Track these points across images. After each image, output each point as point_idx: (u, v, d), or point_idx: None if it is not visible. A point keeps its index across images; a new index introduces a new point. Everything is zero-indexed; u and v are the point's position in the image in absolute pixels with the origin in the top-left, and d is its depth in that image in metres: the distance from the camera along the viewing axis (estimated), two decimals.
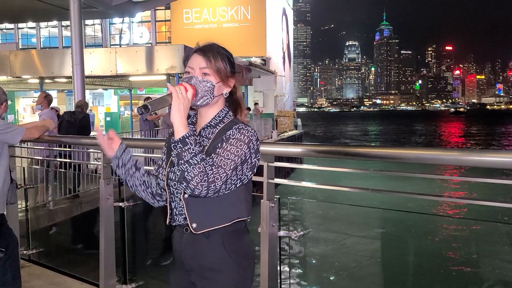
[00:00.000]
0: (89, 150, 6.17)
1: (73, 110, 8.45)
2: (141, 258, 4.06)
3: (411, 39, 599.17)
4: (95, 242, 3.42)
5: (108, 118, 23.30)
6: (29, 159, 5.91)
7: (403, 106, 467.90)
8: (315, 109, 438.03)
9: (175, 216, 1.69)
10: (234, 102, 1.76)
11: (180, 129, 1.52)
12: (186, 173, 1.50)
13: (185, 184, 1.51)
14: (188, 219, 1.63)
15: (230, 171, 1.55)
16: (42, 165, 6.05)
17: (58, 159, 6.43)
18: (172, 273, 1.79)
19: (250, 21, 30.62)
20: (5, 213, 3.18)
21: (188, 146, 1.51)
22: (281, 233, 2.41)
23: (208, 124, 1.68)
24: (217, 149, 1.57)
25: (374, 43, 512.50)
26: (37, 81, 16.88)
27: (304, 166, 3.09)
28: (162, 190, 1.78)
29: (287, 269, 2.73)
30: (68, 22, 11.18)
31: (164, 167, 1.76)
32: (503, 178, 2.08)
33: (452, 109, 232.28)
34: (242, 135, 1.59)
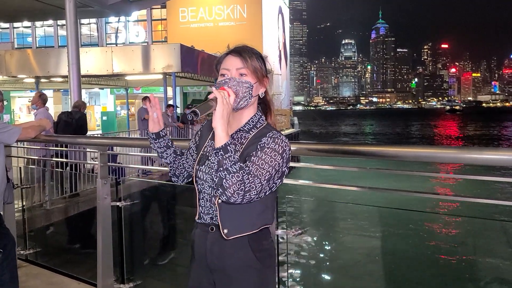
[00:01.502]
0: (86, 150, 6.17)
1: (70, 110, 8.42)
2: (139, 258, 4.05)
3: (407, 37, 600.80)
4: (93, 241, 3.41)
5: (104, 117, 23.26)
6: (26, 159, 5.89)
7: (399, 104, 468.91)
8: (312, 108, 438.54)
9: (200, 214, 1.70)
10: (265, 104, 1.75)
11: (223, 136, 1.50)
12: (224, 180, 1.49)
13: (221, 191, 1.50)
14: (220, 224, 1.62)
15: (266, 181, 1.54)
16: (39, 164, 6.03)
17: (54, 159, 6.41)
18: (192, 271, 1.77)
19: (246, 20, 30.59)
20: (1, 213, 3.17)
21: (229, 154, 1.49)
22: (279, 231, 2.41)
23: (242, 129, 1.66)
24: (252, 157, 1.56)
25: (370, 41, 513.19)
26: (33, 80, 16.80)
27: (301, 164, 3.10)
28: (181, 174, 1.84)
29: (285, 267, 2.73)
30: (63, 21, 11.11)
31: (193, 161, 1.79)
32: (500, 176, 2.08)
33: (448, 107, 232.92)
34: (277, 145, 1.57)
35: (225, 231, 1.62)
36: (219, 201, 1.60)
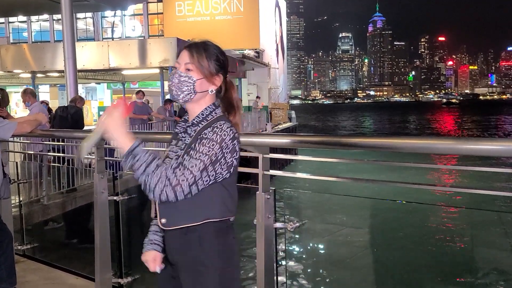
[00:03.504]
0: None
1: (66, 105, 8.38)
2: (137, 252, 4.05)
3: (404, 30, 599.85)
4: (90, 236, 3.41)
5: (101, 113, 23.18)
6: (23, 154, 5.87)
7: (396, 98, 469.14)
8: (309, 101, 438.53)
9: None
10: (226, 102, 1.74)
11: (124, 143, 1.54)
12: (145, 184, 1.53)
13: (149, 193, 1.55)
14: (158, 214, 1.66)
15: (199, 172, 1.54)
16: (36, 159, 6.01)
17: (51, 154, 6.39)
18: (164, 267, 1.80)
19: (243, 14, 30.46)
20: None
21: (138, 157, 1.53)
22: (277, 224, 2.40)
23: (192, 122, 1.68)
24: (190, 151, 1.58)
25: (367, 34, 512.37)
26: (29, 75, 16.72)
27: (299, 157, 3.09)
28: None
29: (283, 260, 2.73)
30: (59, 16, 11.03)
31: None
32: (497, 167, 2.08)
33: (444, 100, 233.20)
34: (215, 135, 1.57)
35: (163, 221, 1.64)
36: None
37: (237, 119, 1.73)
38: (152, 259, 1.73)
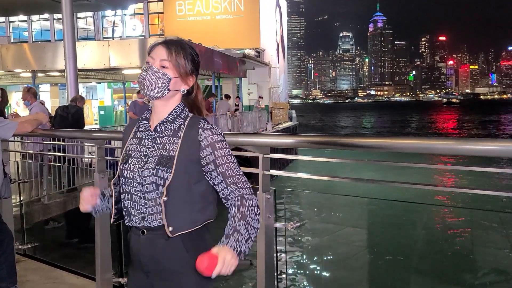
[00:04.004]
0: (83, 144, 6.15)
1: (67, 104, 8.38)
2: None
3: (405, 29, 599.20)
4: (91, 236, 3.41)
5: (102, 112, 23.21)
6: (23, 154, 5.87)
7: (397, 97, 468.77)
8: (310, 101, 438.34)
9: (132, 216, 1.62)
10: (190, 104, 1.72)
11: (235, 259, 1.45)
12: (254, 232, 1.53)
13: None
14: (165, 223, 1.55)
15: (237, 170, 1.59)
16: (36, 159, 6.01)
17: (52, 153, 6.39)
18: (130, 275, 1.72)
19: (243, 13, 30.43)
20: None
21: (238, 246, 1.48)
22: (277, 224, 2.40)
23: (165, 120, 1.63)
24: (215, 159, 1.56)
25: (368, 34, 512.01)
26: (29, 75, 16.72)
27: (300, 157, 3.10)
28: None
29: (283, 260, 2.74)
30: (60, 15, 11.02)
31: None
32: (497, 167, 2.08)
33: (445, 100, 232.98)
34: (219, 136, 1.59)
35: (170, 228, 1.55)
36: (165, 198, 1.54)
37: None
38: (89, 194, 1.70)
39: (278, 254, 2.52)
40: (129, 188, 1.61)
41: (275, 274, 2.46)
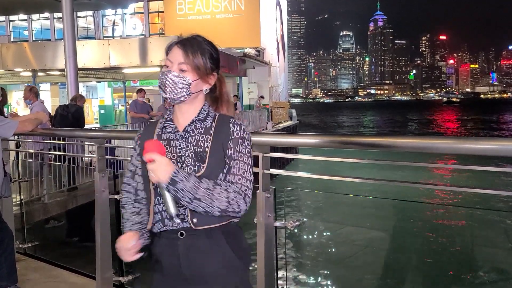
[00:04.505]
0: (83, 143, 6.16)
1: (67, 103, 8.39)
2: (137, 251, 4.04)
3: (405, 28, 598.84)
4: (91, 235, 3.41)
5: (102, 111, 23.20)
6: (23, 153, 5.88)
7: (397, 96, 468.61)
8: (310, 100, 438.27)
9: (165, 220, 1.57)
10: (214, 100, 1.70)
11: (165, 171, 1.43)
12: (208, 209, 1.46)
13: (222, 216, 1.50)
14: (189, 214, 1.53)
15: (250, 175, 1.56)
16: (36, 158, 6.02)
17: (52, 152, 6.40)
18: (158, 281, 1.63)
19: (244, 12, 30.41)
20: None
21: (184, 183, 1.44)
22: (277, 223, 2.40)
23: (196, 119, 1.62)
24: (232, 153, 1.55)
25: (368, 33, 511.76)
26: (29, 74, 16.72)
27: (300, 156, 3.10)
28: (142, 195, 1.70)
29: (283, 259, 2.74)
30: (60, 14, 11.02)
31: (141, 168, 1.66)
32: (496, 166, 2.09)
33: (445, 99, 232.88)
34: (245, 133, 1.59)
35: (195, 220, 1.52)
36: None
37: (232, 114, 1.71)
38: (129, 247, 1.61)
39: (278, 253, 2.52)
40: (162, 191, 1.53)
41: (275, 273, 2.46)
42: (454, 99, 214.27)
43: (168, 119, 1.67)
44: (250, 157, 1.58)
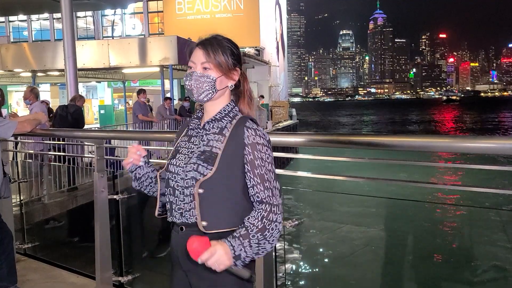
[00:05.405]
0: (83, 143, 6.16)
1: (67, 103, 8.39)
2: (137, 250, 4.07)
3: (405, 27, 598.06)
4: (91, 235, 3.42)
5: (102, 111, 23.20)
6: (23, 153, 5.88)
7: (397, 95, 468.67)
8: (310, 99, 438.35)
9: (173, 212, 1.62)
10: (239, 96, 1.72)
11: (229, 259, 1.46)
12: (274, 244, 1.52)
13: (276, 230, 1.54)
14: (199, 216, 1.54)
15: (275, 181, 1.57)
16: (36, 159, 6.02)
17: (51, 153, 6.40)
18: (173, 273, 1.70)
19: (243, 11, 30.41)
20: None
21: (244, 243, 1.48)
22: None
23: (213, 118, 1.64)
24: (252, 160, 1.54)
25: (368, 31, 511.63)
26: (29, 74, 16.72)
27: (300, 155, 3.11)
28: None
29: (282, 258, 2.74)
30: (59, 15, 11.03)
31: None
32: (495, 165, 2.08)
33: (445, 97, 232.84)
34: (262, 138, 1.58)
35: (204, 223, 1.53)
36: (200, 191, 1.53)
37: (252, 112, 1.73)
38: (135, 150, 1.73)
39: (277, 252, 2.52)
40: (173, 183, 1.62)
41: (274, 272, 2.46)
42: (454, 98, 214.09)
43: (196, 116, 1.72)
44: (271, 163, 1.58)
